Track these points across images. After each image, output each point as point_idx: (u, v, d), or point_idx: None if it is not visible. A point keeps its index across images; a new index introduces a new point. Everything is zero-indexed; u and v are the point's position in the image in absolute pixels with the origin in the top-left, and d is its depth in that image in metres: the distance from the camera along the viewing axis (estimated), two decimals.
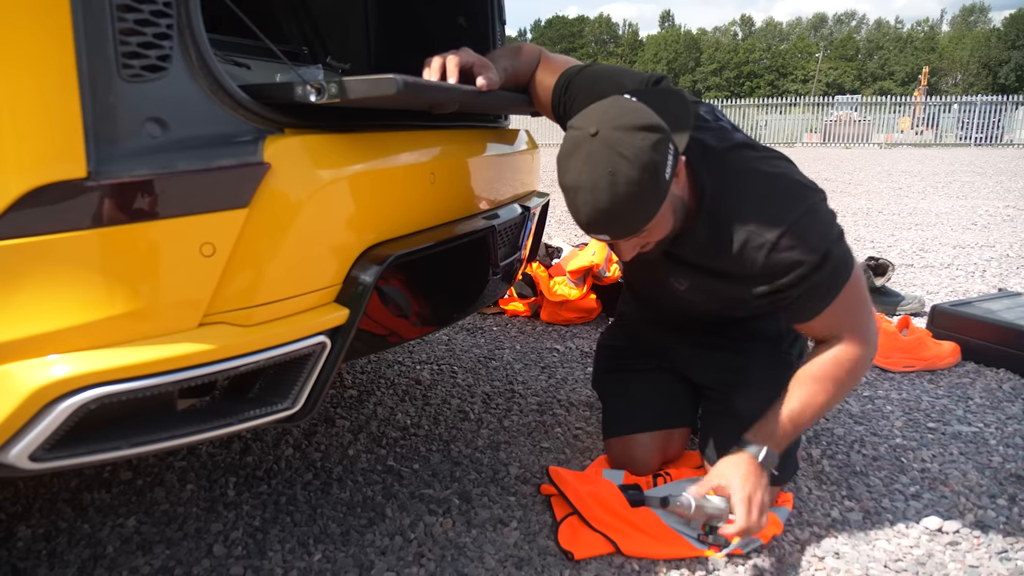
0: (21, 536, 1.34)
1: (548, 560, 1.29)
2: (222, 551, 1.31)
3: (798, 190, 1.26)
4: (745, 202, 1.24)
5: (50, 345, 0.80)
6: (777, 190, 1.26)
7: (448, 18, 1.90)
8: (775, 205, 1.23)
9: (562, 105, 1.41)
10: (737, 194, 1.25)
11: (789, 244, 1.21)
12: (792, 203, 1.24)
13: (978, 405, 1.98)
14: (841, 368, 1.30)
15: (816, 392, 1.30)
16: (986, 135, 20.26)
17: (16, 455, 0.80)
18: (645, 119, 1.10)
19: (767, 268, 1.24)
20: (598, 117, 1.11)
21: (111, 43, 0.79)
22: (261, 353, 0.94)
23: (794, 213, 1.22)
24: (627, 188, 1.08)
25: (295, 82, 0.94)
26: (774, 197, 1.25)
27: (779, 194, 1.25)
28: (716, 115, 1.37)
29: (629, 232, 1.16)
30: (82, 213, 0.78)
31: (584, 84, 1.38)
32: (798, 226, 1.21)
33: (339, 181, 1.03)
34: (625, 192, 1.08)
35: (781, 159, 1.32)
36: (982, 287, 3.34)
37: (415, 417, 1.89)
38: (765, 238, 1.22)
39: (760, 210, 1.23)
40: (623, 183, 1.07)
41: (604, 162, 1.08)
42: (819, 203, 1.25)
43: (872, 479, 1.57)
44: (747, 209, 1.24)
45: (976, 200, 6.74)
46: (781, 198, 1.25)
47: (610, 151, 1.07)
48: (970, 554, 1.32)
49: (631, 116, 1.10)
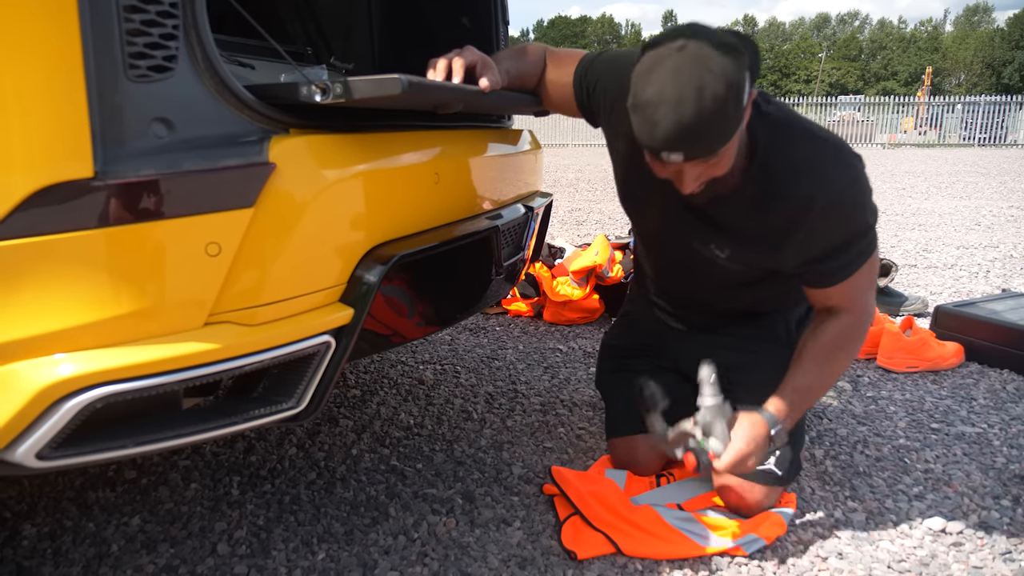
0: (26, 534, 1.34)
1: (551, 560, 1.29)
2: (226, 550, 1.31)
3: (848, 156, 1.28)
4: (797, 162, 1.26)
5: (56, 344, 0.80)
6: (829, 153, 1.28)
7: (451, 18, 1.90)
8: (827, 167, 1.26)
9: (584, 90, 1.42)
10: (790, 153, 1.27)
11: (837, 207, 1.24)
12: (843, 168, 1.27)
13: (982, 406, 1.98)
14: (849, 341, 1.36)
15: (827, 371, 1.36)
16: (990, 135, 20.24)
17: (23, 453, 0.80)
18: (729, 40, 1.08)
19: (812, 229, 1.26)
20: (683, 32, 1.08)
21: (118, 44, 0.79)
22: (266, 352, 0.94)
23: (845, 178, 1.26)
24: (713, 104, 1.04)
25: (300, 82, 0.94)
26: (826, 160, 1.27)
27: (831, 157, 1.28)
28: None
29: (706, 152, 1.11)
30: (89, 213, 0.79)
31: (605, 64, 1.40)
32: (848, 192, 1.25)
33: (344, 181, 1.04)
34: (711, 108, 1.05)
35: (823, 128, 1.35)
36: (986, 288, 3.34)
37: (418, 417, 1.89)
38: (815, 199, 1.24)
39: (812, 171, 1.25)
40: (709, 98, 1.04)
41: (691, 76, 1.04)
42: (864, 172, 1.28)
43: (875, 480, 1.57)
44: (799, 169, 1.26)
45: (980, 200, 6.73)
46: (833, 161, 1.27)
47: (698, 65, 1.04)
48: (974, 555, 1.31)
49: (716, 36, 1.07)
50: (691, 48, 1.06)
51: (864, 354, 2.35)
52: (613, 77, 1.37)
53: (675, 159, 1.11)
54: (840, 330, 1.35)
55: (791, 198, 1.26)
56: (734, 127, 1.11)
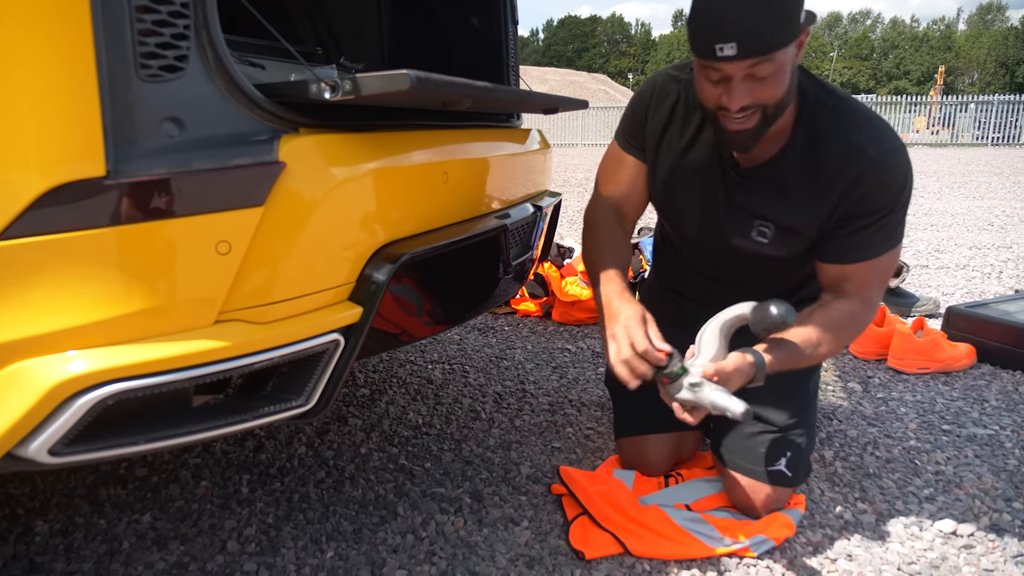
0: (39, 531, 1.36)
1: (559, 560, 1.29)
2: (236, 547, 1.32)
3: (891, 128, 1.31)
4: (849, 114, 1.29)
5: (69, 341, 0.81)
6: (876, 118, 1.30)
7: (461, 18, 1.90)
8: (878, 126, 1.29)
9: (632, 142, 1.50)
10: (837, 109, 1.29)
11: (885, 167, 1.26)
12: (892, 134, 1.29)
13: (994, 407, 1.96)
14: (853, 324, 1.35)
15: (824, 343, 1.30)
16: (1003, 135, 20.06)
17: (35, 450, 0.81)
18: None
19: (857, 182, 1.27)
20: None
21: (129, 44, 0.80)
22: (275, 350, 0.94)
23: (894, 141, 1.28)
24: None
25: (309, 80, 0.95)
26: (876, 120, 1.30)
27: (878, 121, 1.30)
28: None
29: (765, 47, 1.11)
30: (101, 211, 0.79)
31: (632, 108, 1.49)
32: (896, 155, 1.28)
33: (353, 180, 1.04)
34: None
35: None
36: (998, 288, 3.31)
37: (427, 416, 1.89)
38: (866, 149, 1.26)
39: (864, 125, 1.28)
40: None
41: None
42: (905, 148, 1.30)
43: (885, 481, 1.56)
44: (851, 121, 1.28)
45: (993, 200, 6.68)
46: (882, 124, 1.30)
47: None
48: (985, 557, 1.31)
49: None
50: None
51: (875, 355, 2.34)
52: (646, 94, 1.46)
53: (729, 52, 1.10)
54: (849, 311, 1.33)
55: (842, 145, 1.27)
56: (794, 30, 1.13)
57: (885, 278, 1.37)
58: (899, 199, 1.29)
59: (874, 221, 1.29)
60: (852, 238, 1.31)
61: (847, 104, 1.31)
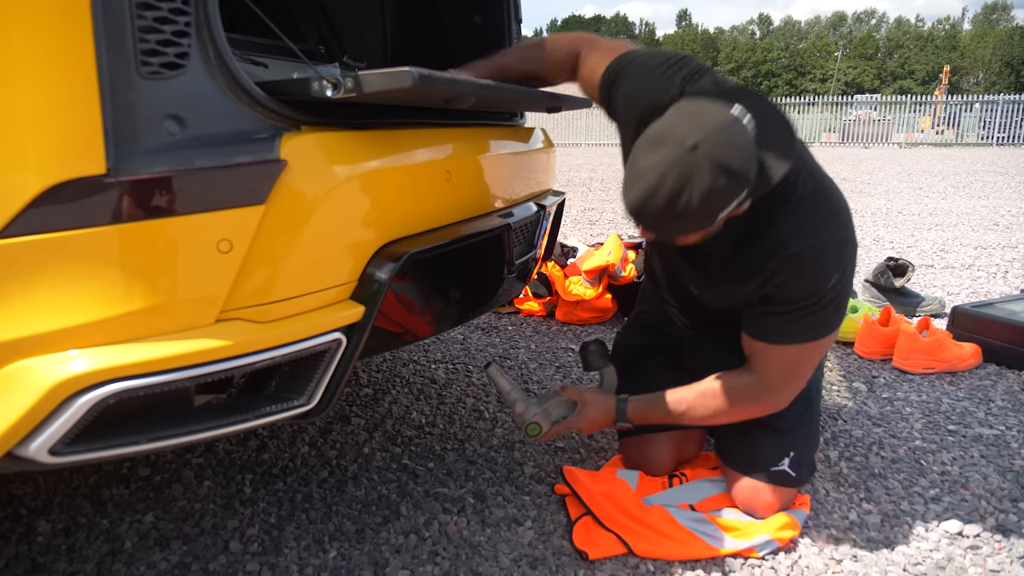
0: (41, 531, 1.35)
1: (563, 560, 1.28)
2: (238, 547, 1.31)
3: (840, 224, 1.22)
4: (795, 213, 1.21)
5: (70, 340, 0.81)
6: (830, 212, 1.22)
7: (464, 17, 1.90)
8: (815, 222, 1.20)
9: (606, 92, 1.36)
10: (801, 201, 1.21)
11: (805, 261, 1.19)
12: (832, 228, 1.21)
13: (999, 408, 1.95)
14: (741, 402, 1.34)
15: (703, 410, 1.37)
16: (1008, 135, 20.00)
17: (36, 449, 0.81)
18: (738, 165, 1.05)
19: (773, 277, 1.21)
20: (704, 133, 1.04)
21: (130, 40, 0.79)
22: (277, 349, 0.94)
23: (826, 235, 1.20)
24: (683, 209, 1.05)
25: (311, 77, 0.94)
26: (821, 216, 1.22)
27: (828, 215, 1.22)
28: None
29: (660, 237, 1.18)
30: (101, 209, 0.79)
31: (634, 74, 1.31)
32: (821, 249, 1.19)
33: (355, 178, 1.04)
34: (680, 211, 1.06)
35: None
36: (1004, 288, 3.30)
37: (430, 416, 1.89)
38: (787, 247, 1.19)
39: (801, 222, 1.20)
40: (682, 204, 1.05)
41: (678, 177, 1.04)
42: (853, 248, 1.23)
43: (891, 482, 1.55)
44: (791, 217, 1.20)
45: (998, 200, 6.65)
46: (828, 219, 1.22)
47: (690, 172, 1.03)
48: (991, 558, 1.30)
49: (729, 153, 1.04)
50: (699, 154, 1.03)
51: (880, 355, 2.33)
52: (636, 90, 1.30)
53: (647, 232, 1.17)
54: (742, 387, 1.33)
55: (769, 239, 1.21)
56: (697, 231, 1.13)
57: (797, 369, 1.31)
58: (820, 295, 1.20)
59: (792, 310, 1.23)
60: (768, 317, 1.26)
61: (810, 198, 1.23)
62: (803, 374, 1.32)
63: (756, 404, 1.36)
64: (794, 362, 1.30)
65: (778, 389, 1.33)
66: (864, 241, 4.53)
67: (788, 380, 1.33)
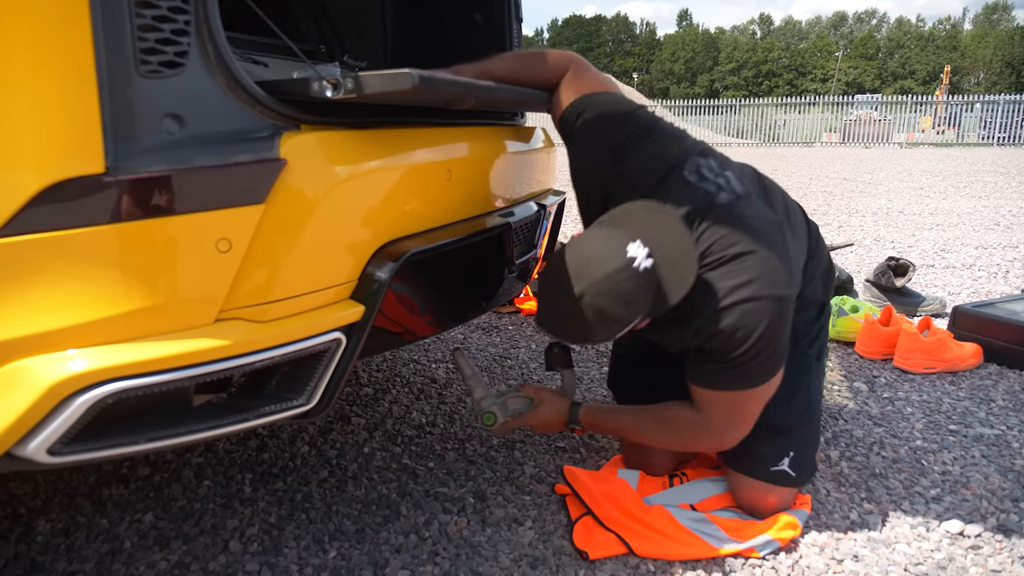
0: (40, 530, 1.35)
1: (563, 560, 1.28)
2: (238, 547, 1.31)
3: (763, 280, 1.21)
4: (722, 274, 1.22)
5: (68, 340, 0.80)
6: (752, 267, 1.21)
7: (465, 16, 1.90)
8: (736, 280, 1.20)
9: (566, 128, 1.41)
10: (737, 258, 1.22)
11: (724, 318, 1.19)
12: (750, 287, 1.20)
13: (1000, 407, 1.95)
14: (682, 434, 1.38)
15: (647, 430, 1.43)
16: (1009, 135, 19.99)
17: (34, 449, 0.80)
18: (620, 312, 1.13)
19: (698, 334, 1.23)
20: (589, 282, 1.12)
21: (129, 39, 0.79)
22: (276, 349, 0.94)
23: (744, 294, 1.19)
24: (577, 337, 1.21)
25: (311, 77, 0.94)
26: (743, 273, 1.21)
27: (751, 272, 1.21)
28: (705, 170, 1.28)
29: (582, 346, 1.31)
30: (100, 208, 0.79)
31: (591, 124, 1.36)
32: (737, 308, 1.19)
33: (355, 177, 1.03)
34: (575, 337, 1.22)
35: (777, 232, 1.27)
36: (1005, 288, 3.29)
37: (430, 415, 1.89)
38: (705, 308, 1.20)
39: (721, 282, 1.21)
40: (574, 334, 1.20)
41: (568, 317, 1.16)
42: (778, 305, 1.22)
43: (892, 481, 1.55)
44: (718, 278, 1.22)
45: (999, 200, 6.65)
46: (750, 275, 1.21)
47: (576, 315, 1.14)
48: (992, 558, 1.29)
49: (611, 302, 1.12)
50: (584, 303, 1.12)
51: (881, 355, 2.33)
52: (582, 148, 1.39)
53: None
54: (684, 418, 1.35)
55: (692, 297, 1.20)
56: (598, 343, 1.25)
57: (737, 413, 1.30)
58: (742, 350, 1.20)
59: (720, 361, 1.24)
60: (700, 364, 1.28)
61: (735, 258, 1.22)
62: (745, 418, 1.31)
63: (700, 442, 1.40)
64: (731, 407, 1.30)
65: (720, 431, 1.33)
66: (865, 241, 4.53)
67: (730, 423, 1.32)
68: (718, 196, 1.25)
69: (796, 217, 1.43)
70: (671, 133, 1.35)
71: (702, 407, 1.31)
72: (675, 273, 1.15)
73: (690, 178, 1.27)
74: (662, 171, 1.28)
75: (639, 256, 1.12)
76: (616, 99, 1.37)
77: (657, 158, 1.29)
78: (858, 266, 3.74)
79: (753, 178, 1.37)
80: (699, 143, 1.35)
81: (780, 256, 1.24)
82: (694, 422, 1.33)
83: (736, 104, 25.03)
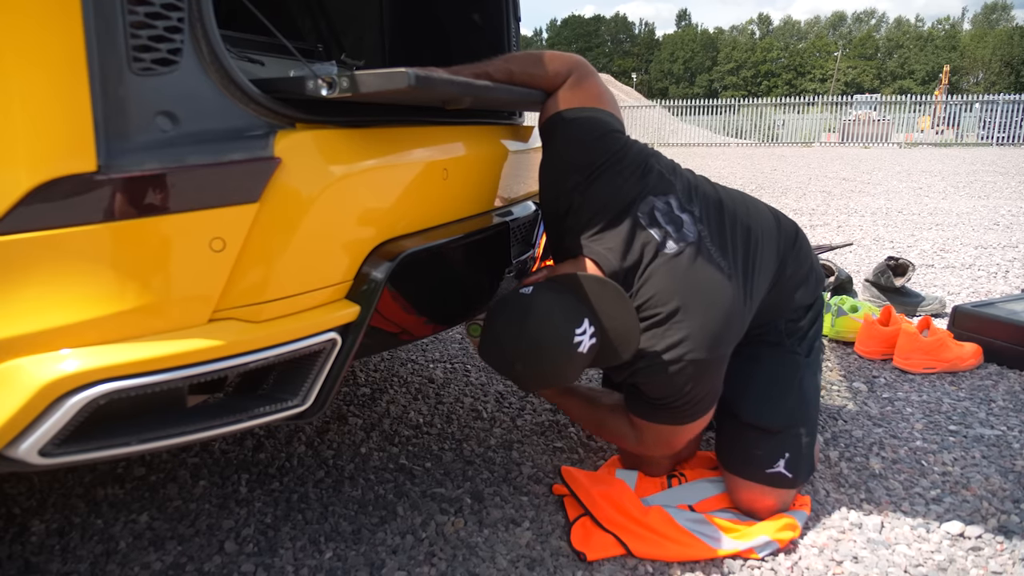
0: (35, 531, 1.35)
1: (560, 561, 1.28)
2: (233, 548, 1.30)
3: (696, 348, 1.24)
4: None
5: (60, 340, 0.79)
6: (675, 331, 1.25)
7: (463, 15, 1.89)
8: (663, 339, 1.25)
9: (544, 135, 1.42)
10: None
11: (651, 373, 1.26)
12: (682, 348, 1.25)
13: (1001, 408, 1.94)
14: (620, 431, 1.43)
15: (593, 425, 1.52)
16: (1008, 135, 19.98)
17: (26, 450, 0.80)
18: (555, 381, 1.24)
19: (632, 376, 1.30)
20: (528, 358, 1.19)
21: (121, 36, 0.78)
22: (271, 349, 0.93)
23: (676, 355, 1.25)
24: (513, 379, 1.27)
25: (307, 76, 0.93)
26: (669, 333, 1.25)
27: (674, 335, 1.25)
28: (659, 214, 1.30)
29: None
30: (92, 207, 0.78)
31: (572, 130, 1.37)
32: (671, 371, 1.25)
33: (351, 176, 1.02)
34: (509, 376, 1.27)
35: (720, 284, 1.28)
36: (1005, 288, 3.29)
37: (428, 415, 1.88)
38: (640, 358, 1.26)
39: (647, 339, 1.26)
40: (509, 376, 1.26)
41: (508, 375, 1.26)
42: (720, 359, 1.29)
43: (892, 482, 1.55)
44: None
45: (998, 200, 6.64)
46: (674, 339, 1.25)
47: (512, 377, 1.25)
48: (993, 560, 1.29)
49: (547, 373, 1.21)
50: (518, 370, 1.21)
51: (880, 355, 2.32)
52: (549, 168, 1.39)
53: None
54: (621, 429, 1.42)
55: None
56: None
57: (661, 440, 1.38)
58: (672, 399, 1.29)
59: (651, 401, 1.32)
60: (634, 397, 1.36)
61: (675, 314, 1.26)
62: (674, 444, 1.40)
63: (633, 448, 1.45)
64: (660, 435, 1.37)
65: (651, 448, 1.42)
66: (864, 241, 4.53)
67: (659, 446, 1.41)
68: (665, 245, 1.26)
69: (763, 242, 1.39)
70: (637, 165, 1.32)
71: (636, 427, 1.40)
72: (612, 349, 1.23)
73: (642, 221, 1.28)
74: (618, 208, 1.29)
75: (584, 339, 1.18)
76: (598, 120, 1.35)
77: (614, 195, 1.29)
78: (857, 266, 3.73)
79: (716, 210, 1.34)
80: (665, 179, 1.33)
81: (717, 312, 1.26)
82: (629, 434, 1.42)
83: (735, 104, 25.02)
